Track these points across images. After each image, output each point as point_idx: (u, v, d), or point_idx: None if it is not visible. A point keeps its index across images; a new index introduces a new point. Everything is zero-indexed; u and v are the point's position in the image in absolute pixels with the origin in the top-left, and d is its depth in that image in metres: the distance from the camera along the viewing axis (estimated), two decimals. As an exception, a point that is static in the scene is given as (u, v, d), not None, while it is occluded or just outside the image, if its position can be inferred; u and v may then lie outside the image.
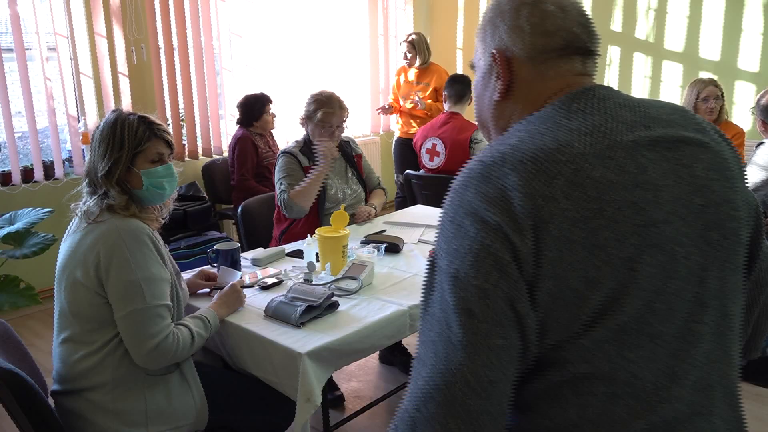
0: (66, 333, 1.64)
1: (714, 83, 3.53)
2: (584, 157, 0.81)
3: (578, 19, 0.95)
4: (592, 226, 0.78)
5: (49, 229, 3.10)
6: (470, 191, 0.82)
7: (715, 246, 0.86)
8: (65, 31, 3.93)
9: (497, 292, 0.77)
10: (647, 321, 0.81)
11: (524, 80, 0.94)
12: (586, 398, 0.82)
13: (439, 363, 0.79)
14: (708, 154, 0.88)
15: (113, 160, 1.64)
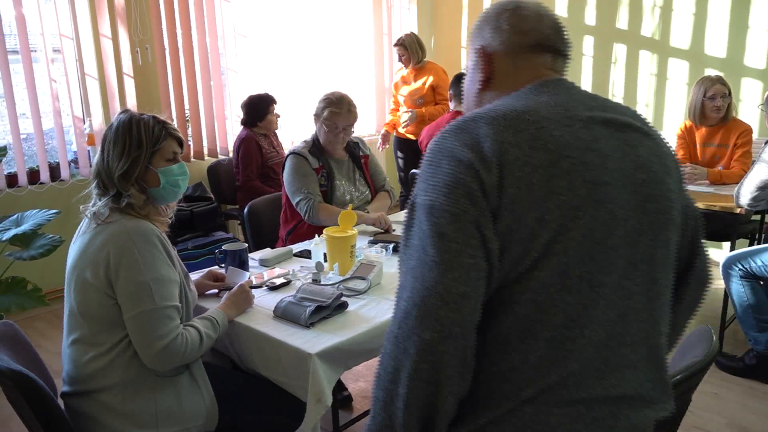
0: (75, 334, 1.64)
1: (721, 81, 3.51)
2: (547, 120, 0.97)
3: (551, 25, 1.13)
4: (549, 174, 0.92)
5: (55, 231, 3.10)
6: (448, 139, 0.97)
7: (649, 216, 1.00)
8: (70, 32, 3.94)
9: (466, 217, 0.90)
10: (588, 269, 0.94)
11: (502, 71, 1.12)
12: (530, 343, 0.93)
13: (416, 283, 0.90)
14: (651, 142, 1.05)
15: (132, 159, 1.64)
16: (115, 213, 1.63)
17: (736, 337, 3.33)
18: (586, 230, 0.93)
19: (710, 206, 3.12)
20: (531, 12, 1.12)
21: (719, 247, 4.49)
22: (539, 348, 0.94)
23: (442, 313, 0.88)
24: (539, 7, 1.14)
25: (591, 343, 0.95)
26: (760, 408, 2.69)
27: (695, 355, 1.37)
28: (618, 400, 0.99)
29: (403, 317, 0.90)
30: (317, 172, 2.78)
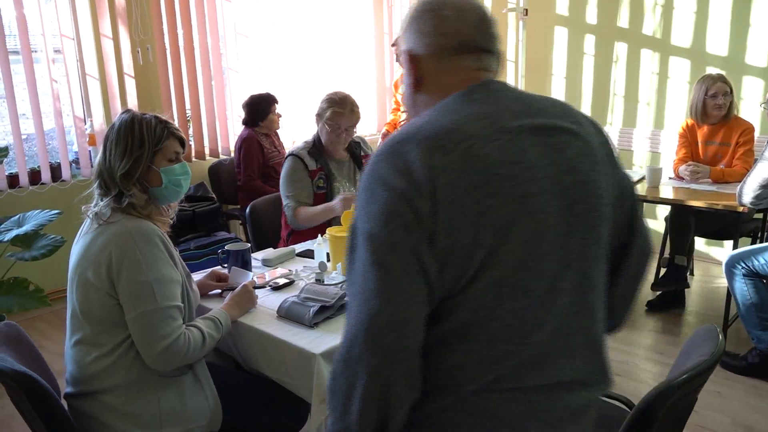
0: (78, 335, 1.64)
1: (722, 79, 3.51)
2: (475, 138, 0.98)
3: (475, 23, 1.12)
4: (479, 195, 0.96)
5: (57, 231, 3.09)
6: (382, 164, 0.99)
7: (578, 217, 1.04)
8: (71, 32, 3.93)
9: (404, 246, 0.94)
10: (520, 277, 0.99)
11: (430, 74, 1.13)
12: (470, 345, 1.00)
13: (361, 311, 0.95)
14: (578, 142, 1.08)
15: (134, 158, 1.64)
16: (116, 213, 1.63)
17: (739, 335, 3.33)
18: (518, 243, 0.98)
19: (713, 205, 3.12)
20: (453, 11, 1.11)
21: (721, 245, 4.48)
22: (479, 349, 1.00)
23: (387, 340, 0.94)
24: (461, 3, 1.12)
25: (528, 343, 1.02)
26: (763, 406, 2.69)
27: (701, 354, 1.37)
28: (554, 386, 1.06)
29: (351, 343, 0.96)
30: (314, 174, 2.76)
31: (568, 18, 5.02)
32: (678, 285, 3.67)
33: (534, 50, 5.15)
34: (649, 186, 3.50)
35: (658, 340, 3.37)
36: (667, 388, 1.25)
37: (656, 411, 1.24)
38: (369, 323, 0.94)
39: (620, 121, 4.91)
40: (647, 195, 3.38)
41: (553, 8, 5.07)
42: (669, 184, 3.55)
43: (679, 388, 1.25)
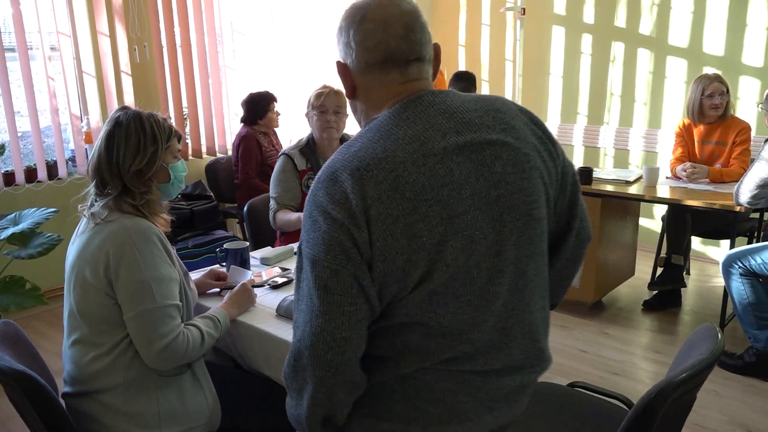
0: (76, 334, 1.63)
1: (719, 79, 3.52)
2: (404, 165, 1.05)
3: (399, 33, 1.12)
4: (409, 221, 1.03)
5: (53, 229, 3.08)
6: (321, 192, 1.07)
7: (508, 226, 1.11)
8: (68, 29, 3.92)
9: (345, 272, 1.03)
10: (451, 286, 1.07)
11: (362, 85, 1.18)
12: (407, 336, 1.11)
13: (306, 328, 1.06)
14: (507, 152, 1.12)
15: (149, 155, 1.63)
16: (114, 212, 1.62)
17: (736, 334, 3.34)
18: (450, 259, 1.06)
19: (710, 204, 3.13)
20: (376, 23, 1.12)
21: (718, 245, 4.50)
22: (416, 339, 1.11)
23: (329, 356, 1.05)
24: (386, 12, 1.13)
25: (463, 340, 1.11)
26: (760, 405, 2.70)
27: (700, 352, 1.37)
28: (487, 372, 1.16)
29: (297, 356, 1.09)
30: (303, 174, 2.76)
31: (565, 17, 5.02)
32: (675, 284, 3.68)
33: (531, 49, 5.15)
34: (646, 185, 3.51)
35: (655, 340, 3.38)
36: (667, 387, 1.25)
37: (656, 410, 1.25)
38: (313, 340, 1.06)
39: (617, 121, 4.92)
40: (644, 194, 3.39)
41: (550, 7, 5.07)
42: (666, 183, 3.56)
43: (678, 387, 1.26)
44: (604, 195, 3.47)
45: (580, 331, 3.46)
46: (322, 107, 2.70)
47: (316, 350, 1.06)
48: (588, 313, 3.68)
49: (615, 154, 4.98)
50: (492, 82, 5.60)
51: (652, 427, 1.26)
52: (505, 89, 5.52)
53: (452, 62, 5.70)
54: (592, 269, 3.51)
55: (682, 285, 3.70)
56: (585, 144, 5.11)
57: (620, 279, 3.90)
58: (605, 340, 3.36)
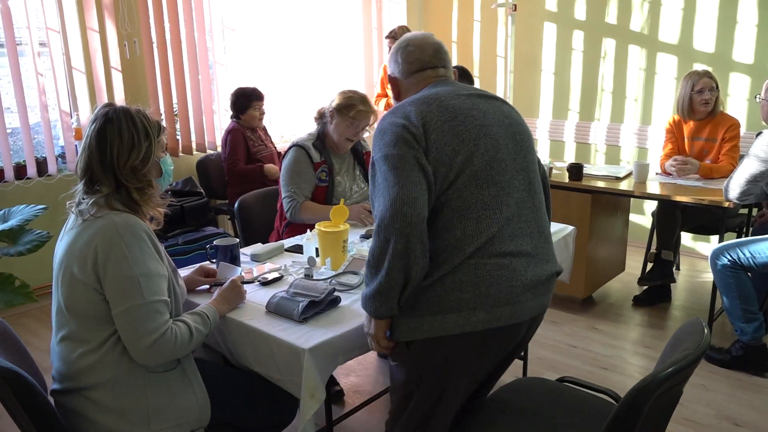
0: (64, 331, 1.62)
1: (708, 75, 3.53)
2: (444, 97, 1.62)
3: (431, 52, 1.76)
4: (452, 125, 1.57)
5: (43, 226, 3.07)
6: (390, 116, 1.61)
7: (518, 143, 1.65)
8: (57, 25, 3.89)
9: (408, 155, 1.51)
10: (489, 173, 1.56)
11: (404, 89, 1.78)
12: (464, 222, 1.53)
13: (387, 196, 1.49)
14: (509, 106, 1.73)
15: (144, 151, 1.64)
16: (103, 208, 1.61)
17: (724, 330, 3.37)
18: (484, 151, 1.56)
19: (699, 200, 3.15)
20: (415, 46, 1.76)
21: (708, 240, 4.53)
22: (470, 224, 1.53)
23: (405, 209, 1.46)
24: (422, 41, 1.77)
25: (502, 218, 1.55)
26: (747, 399, 2.72)
27: (686, 347, 1.38)
28: (519, 254, 1.57)
29: (383, 215, 1.48)
30: (318, 166, 2.76)
31: (556, 14, 5.03)
32: (665, 280, 3.70)
33: (523, 46, 5.16)
34: (636, 181, 3.52)
35: (644, 334, 3.40)
36: (653, 381, 1.26)
37: (642, 404, 1.26)
38: (392, 201, 1.47)
39: (608, 117, 4.93)
40: (634, 190, 3.41)
41: (542, 4, 5.08)
42: (656, 179, 3.58)
43: (664, 381, 1.27)
44: (594, 191, 3.48)
45: (571, 326, 3.48)
46: (355, 123, 2.71)
47: (395, 207, 1.46)
48: (578, 308, 3.70)
49: (606, 151, 5.00)
50: (483, 79, 5.60)
51: (638, 421, 1.27)
52: (497, 85, 5.53)
53: (444, 58, 5.70)
54: (583, 265, 3.52)
55: (671, 280, 3.73)
56: (576, 140, 5.13)
57: (611, 274, 3.92)
58: (595, 335, 3.38)
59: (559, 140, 5.22)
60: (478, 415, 1.73)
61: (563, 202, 3.51)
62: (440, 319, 1.51)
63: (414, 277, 1.50)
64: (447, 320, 1.51)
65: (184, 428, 1.65)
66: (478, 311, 1.51)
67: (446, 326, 1.51)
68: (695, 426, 2.53)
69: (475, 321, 1.51)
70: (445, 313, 1.51)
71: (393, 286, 1.49)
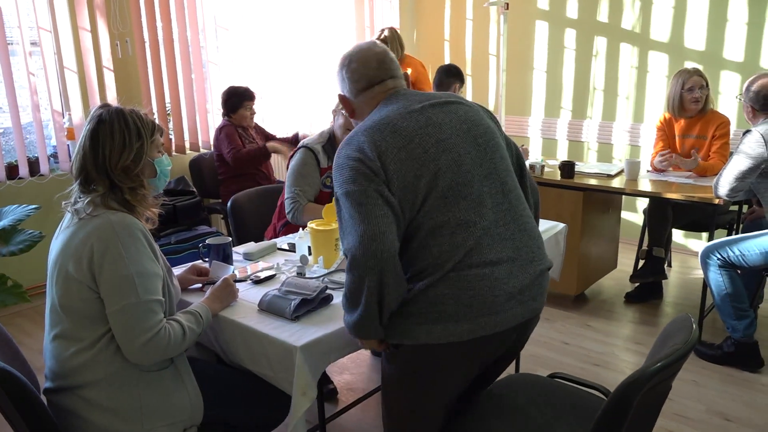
0: (57, 329, 1.62)
1: (699, 73, 3.55)
2: (396, 119, 1.56)
3: (373, 65, 1.68)
4: (409, 149, 1.52)
5: (35, 226, 3.06)
6: (343, 150, 1.56)
7: (483, 146, 1.61)
8: (48, 25, 3.88)
9: (370, 189, 1.48)
10: (456, 189, 1.53)
11: (357, 106, 1.73)
12: (439, 239, 1.51)
13: (354, 235, 1.47)
14: (464, 106, 1.67)
15: (135, 151, 1.65)
16: (99, 207, 1.62)
17: (715, 325, 3.39)
18: (446, 167, 1.53)
19: (689, 197, 3.17)
20: (358, 63, 1.68)
21: (698, 237, 4.56)
22: (446, 241, 1.51)
23: (374, 246, 1.44)
24: (365, 55, 1.69)
25: (477, 229, 1.53)
26: (738, 394, 2.75)
27: (675, 343, 1.40)
28: (500, 261, 1.54)
29: (353, 255, 1.47)
30: (324, 171, 2.74)
31: (548, 12, 5.05)
32: (656, 276, 3.72)
33: (515, 44, 5.17)
34: (627, 179, 3.54)
35: (636, 331, 3.42)
36: (641, 377, 1.27)
37: (631, 398, 1.27)
38: (360, 238, 1.45)
39: (600, 115, 4.95)
40: (626, 188, 3.42)
41: (534, 2, 5.09)
42: (647, 177, 3.60)
43: (653, 376, 1.28)
44: (586, 189, 3.50)
45: (563, 324, 3.50)
46: None
47: (365, 245, 1.44)
48: (571, 305, 3.72)
49: (598, 148, 5.02)
50: (476, 77, 5.62)
51: (628, 415, 1.28)
52: (489, 84, 5.54)
53: (437, 57, 5.71)
54: (575, 262, 3.54)
55: (663, 277, 3.75)
56: (569, 138, 5.15)
57: (603, 272, 3.94)
58: (587, 332, 3.40)
59: (552, 138, 5.24)
60: (469, 411, 1.74)
61: (555, 200, 3.53)
62: (426, 329, 1.51)
63: (390, 304, 1.51)
64: (432, 330, 1.51)
65: (176, 427, 1.65)
66: (462, 322, 1.51)
67: (431, 336, 1.52)
68: (686, 421, 2.55)
69: (460, 332, 1.51)
70: (430, 324, 1.51)
71: (372, 316, 1.51)
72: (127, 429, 1.58)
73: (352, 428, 2.57)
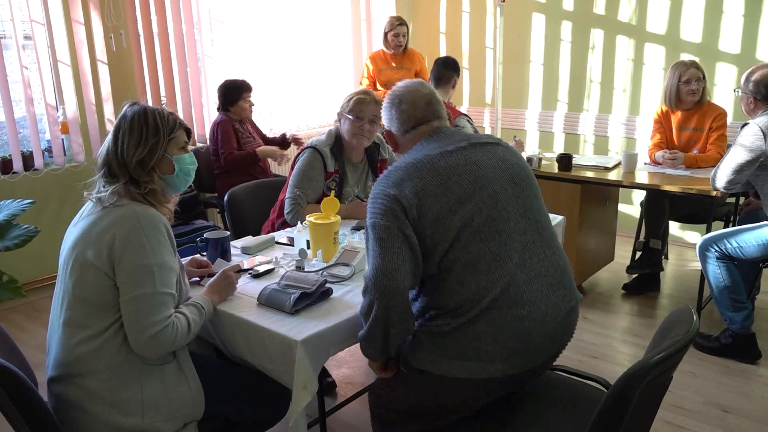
0: (66, 315, 1.63)
1: (695, 65, 3.55)
2: (435, 158, 1.63)
3: (423, 106, 1.77)
4: (446, 185, 1.58)
5: (30, 221, 3.04)
6: (382, 183, 1.63)
7: (518, 184, 1.66)
8: (41, 18, 3.84)
9: (393, 226, 1.55)
10: (492, 224, 1.57)
11: (401, 142, 1.82)
12: (477, 276, 1.55)
13: (372, 264, 1.57)
14: (503, 147, 1.73)
15: (150, 146, 1.69)
16: (123, 198, 1.65)
17: (712, 317, 3.40)
18: (482, 203, 1.58)
19: (687, 189, 3.17)
20: (408, 104, 1.77)
21: (695, 229, 4.57)
22: (483, 277, 1.55)
23: (384, 280, 1.53)
24: (413, 97, 1.77)
25: (512, 265, 1.57)
26: (735, 386, 2.76)
27: (675, 334, 1.40)
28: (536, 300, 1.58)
29: (367, 283, 1.58)
30: (330, 175, 2.71)
31: (545, 5, 5.03)
32: (653, 268, 3.73)
33: (511, 37, 5.16)
34: (625, 171, 3.54)
35: (633, 323, 3.43)
36: (643, 368, 1.27)
37: (632, 391, 1.27)
38: (375, 270, 1.55)
39: (596, 108, 4.95)
40: (623, 180, 3.42)
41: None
42: (644, 169, 3.60)
43: (653, 368, 1.27)
44: (583, 181, 3.50)
45: (561, 316, 3.49)
46: (360, 113, 2.67)
47: (377, 278, 1.54)
48: (568, 298, 3.71)
49: (595, 141, 5.02)
50: (472, 70, 5.60)
51: (629, 407, 1.28)
52: (486, 77, 5.53)
53: (433, 50, 5.69)
54: (572, 254, 3.54)
55: (660, 269, 3.76)
56: (565, 131, 5.14)
57: (600, 264, 3.95)
58: (585, 324, 3.40)
59: (548, 131, 5.24)
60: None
61: (553, 193, 3.52)
62: (458, 364, 1.56)
63: (393, 338, 1.59)
64: (465, 366, 1.55)
65: (177, 421, 1.65)
66: (496, 362, 1.55)
67: (463, 371, 1.55)
68: (684, 412, 2.56)
69: (492, 370, 1.55)
70: (464, 360, 1.55)
71: (374, 340, 1.60)
72: (127, 422, 1.58)
73: (351, 422, 2.57)
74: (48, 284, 3.83)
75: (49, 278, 3.83)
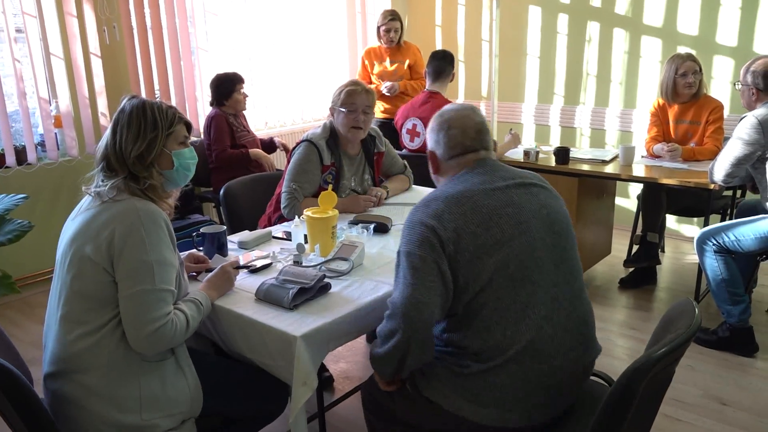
0: (64, 311, 1.61)
1: (692, 58, 3.54)
2: (478, 195, 1.58)
3: (473, 135, 1.71)
4: (486, 226, 1.53)
5: (24, 216, 3.01)
6: (420, 211, 1.60)
7: (557, 234, 1.63)
8: (33, 10, 3.79)
9: (429, 258, 1.51)
10: (525, 272, 1.54)
11: (444, 167, 1.75)
12: (504, 325, 1.52)
13: (402, 293, 1.53)
14: (547, 191, 1.70)
15: (148, 141, 1.66)
16: (123, 192, 1.63)
17: (710, 310, 3.40)
18: (518, 250, 1.54)
19: (684, 182, 3.17)
20: (457, 129, 1.70)
21: (692, 222, 4.57)
22: (510, 326, 1.52)
23: (413, 313, 1.50)
24: (464, 123, 1.71)
25: (540, 317, 1.54)
26: (733, 379, 2.76)
27: (678, 327, 1.39)
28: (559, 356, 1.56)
29: (394, 310, 1.54)
30: (326, 169, 2.69)
31: (541, -3, 5.01)
32: (650, 262, 3.73)
33: (508, 30, 5.13)
34: (622, 164, 3.54)
35: (631, 316, 3.43)
36: (647, 362, 1.26)
37: (636, 385, 1.26)
38: (404, 300, 1.51)
39: (593, 101, 4.94)
40: (620, 173, 3.41)
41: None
42: (641, 162, 3.59)
43: (658, 362, 1.27)
44: (580, 174, 3.49)
45: (558, 310, 3.49)
46: (353, 105, 2.64)
47: (405, 308, 1.50)
48: (565, 291, 3.71)
49: (591, 134, 5.01)
50: (468, 63, 5.58)
51: (633, 401, 1.27)
52: (482, 70, 5.51)
53: (429, 42, 5.66)
54: (570, 248, 3.53)
55: (657, 262, 3.76)
56: (561, 124, 5.13)
57: (597, 257, 3.94)
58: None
59: (545, 124, 5.22)
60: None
61: (550, 186, 3.51)
62: (473, 408, 1.54)
63: (409, 365, 1.57)
64: (479, 411, 1.54)
65: (175, 418, 1.64)
66: (514, 412, 1.54)
67: (476, 416, 1.54)
68: (683, 405, 2.56)
69: (508, 419, 1.54)
70: (479, 406, 1.54)
71: (389, 363, 1.58)
72: (125, 419, 1.57)
73: (349, 417, 2.56)
74: (42, 280, 3.80)
75: (43, 273, 3.80)
